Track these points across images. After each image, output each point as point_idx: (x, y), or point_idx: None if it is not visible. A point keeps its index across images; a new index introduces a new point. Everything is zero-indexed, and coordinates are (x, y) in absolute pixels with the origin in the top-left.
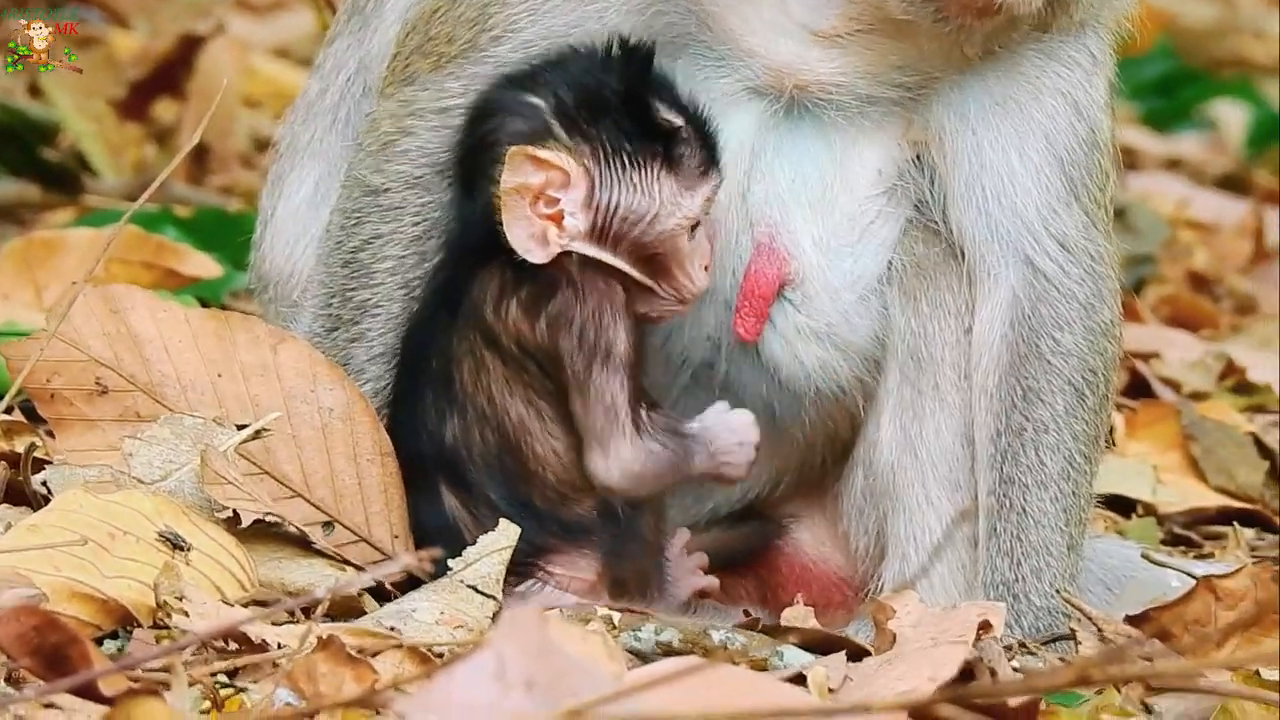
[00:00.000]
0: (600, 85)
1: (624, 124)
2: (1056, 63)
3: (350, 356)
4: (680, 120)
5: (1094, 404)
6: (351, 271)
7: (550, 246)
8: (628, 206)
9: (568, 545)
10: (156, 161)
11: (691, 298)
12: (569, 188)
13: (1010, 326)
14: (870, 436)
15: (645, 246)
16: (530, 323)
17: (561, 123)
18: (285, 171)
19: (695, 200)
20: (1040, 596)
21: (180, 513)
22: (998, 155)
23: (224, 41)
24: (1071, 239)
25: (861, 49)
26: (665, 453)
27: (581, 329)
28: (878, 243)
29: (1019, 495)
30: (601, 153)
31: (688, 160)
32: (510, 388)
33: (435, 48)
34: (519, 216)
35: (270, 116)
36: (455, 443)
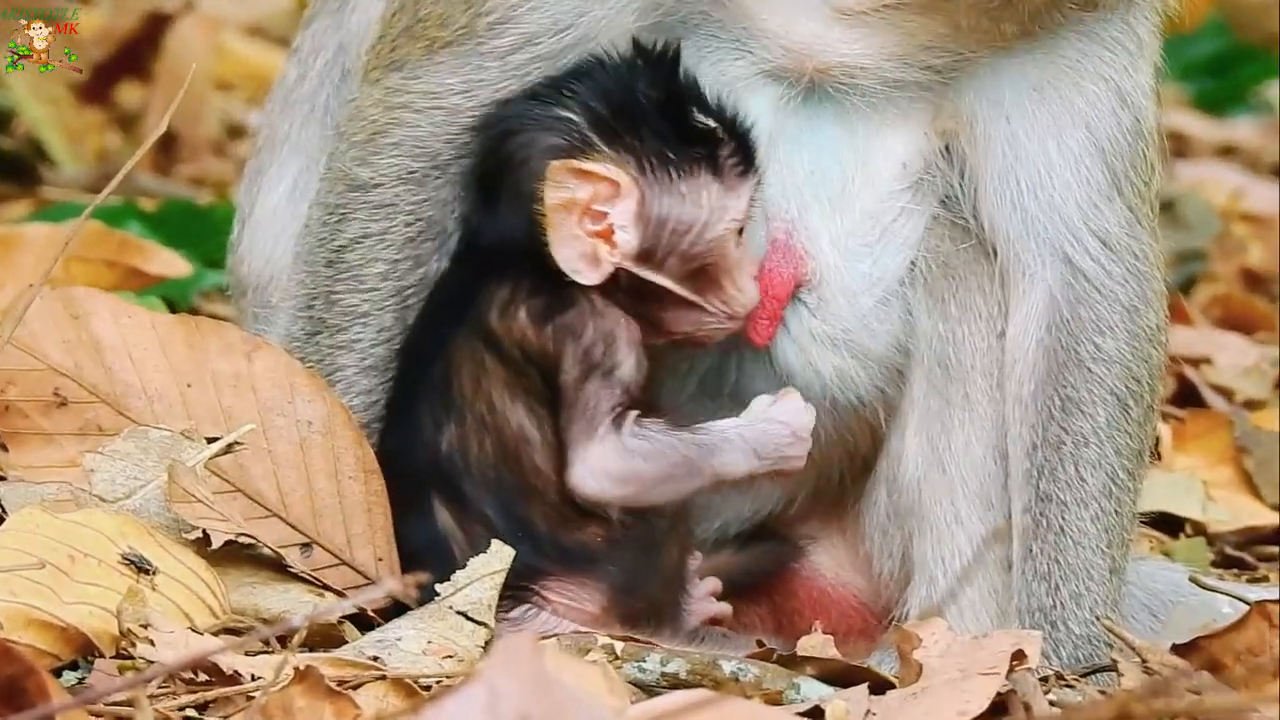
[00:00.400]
0: (632, 93)
1: (664, 131)
2: (1099, 45)
3: (337, 365)
4: (714, 122)
5: (1138, 415)
6: (337, 273)
7: (603, 265)
8: (678, 217)
9: (567, 572)
10: (120, 150)
11: (742, 312)
12: (619, 199)
13: (1047, 330)
14: (894, 450)
15: (694, 258)
16: (537, 328)
17: (600, 134)
18: (264, 166)
19: (740, 201)
20: (1079, 624)
21: (145, 533)
22: (1034, 145)
23: (193, 19)
24: (1114, 236)
25: (890, 27)
26: (658, 450)
27: (590, 344)
28: (900, 241)
29: (1057, 514)
30: (648, 163)
31: (727, 161)
32: (511, 394)
33: (426, 30)
34: (567, 235)
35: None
36: (451, 451)
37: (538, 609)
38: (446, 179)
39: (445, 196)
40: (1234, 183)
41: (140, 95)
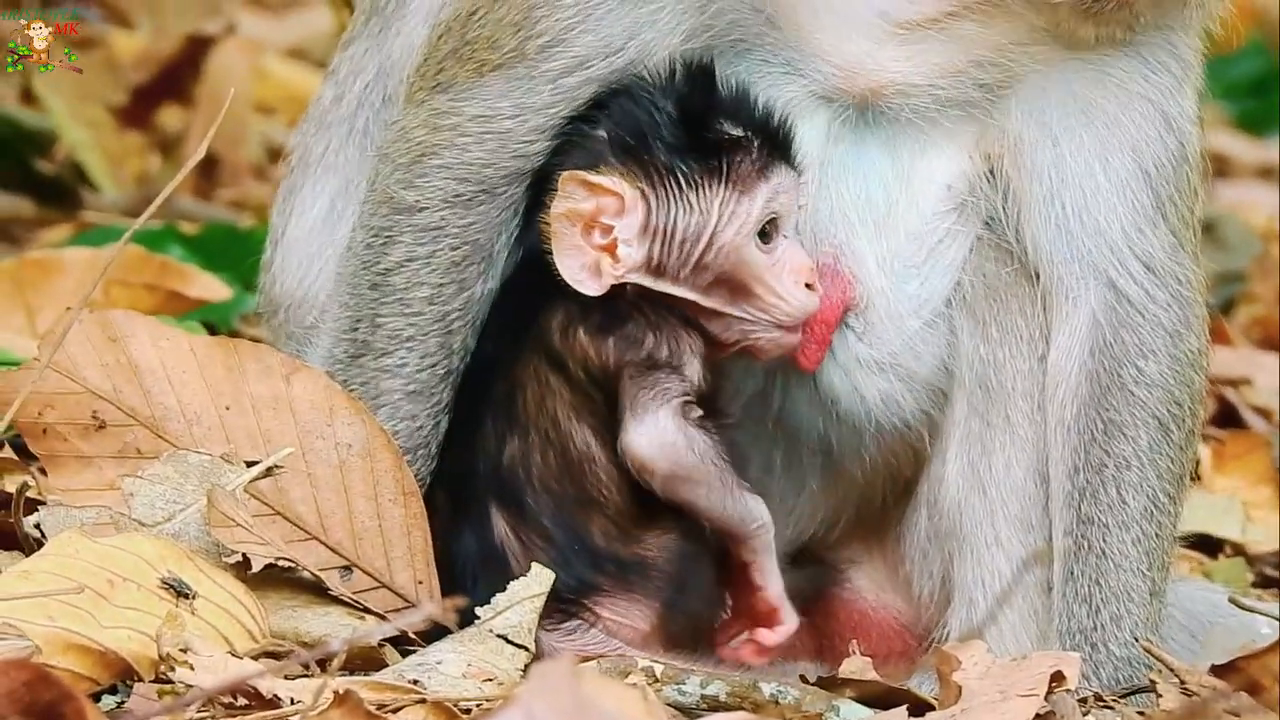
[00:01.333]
0: (655, 108)
1: (677, 144)
2: (1144, 66)
3: (381, 389)
4: (741, 130)
5: (1180, 439)
6: (382, 296)
7: (604, 278)
8: (685, 227)
9: (621, 589)
10: (161, 174)
11: (789, 320)
12: (624, 214)
13: (1090, 354)
14: (935, 473)
15: (708, 268)
16: (598, 346)
17: (614, 148)
18: (297, 186)
19: (755, 204)
20: (1120, 646)
21: (185, 557)
22: (1080, 168)
23: (234, 42)
24: (1158, 261)
25: (944, 42)
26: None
27: (653, 347)
28: (945, 263)
29: (1098, 536)
30: (656, 176)
31: (743, 165)
32: (577, 414)
33: (475, 53)
34: (569, 245)
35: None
36: (513, 463)
37: (588, 624)
38: (494, 203)
39: (492, 220)
40: (1274, 204)
41: (181, 119)
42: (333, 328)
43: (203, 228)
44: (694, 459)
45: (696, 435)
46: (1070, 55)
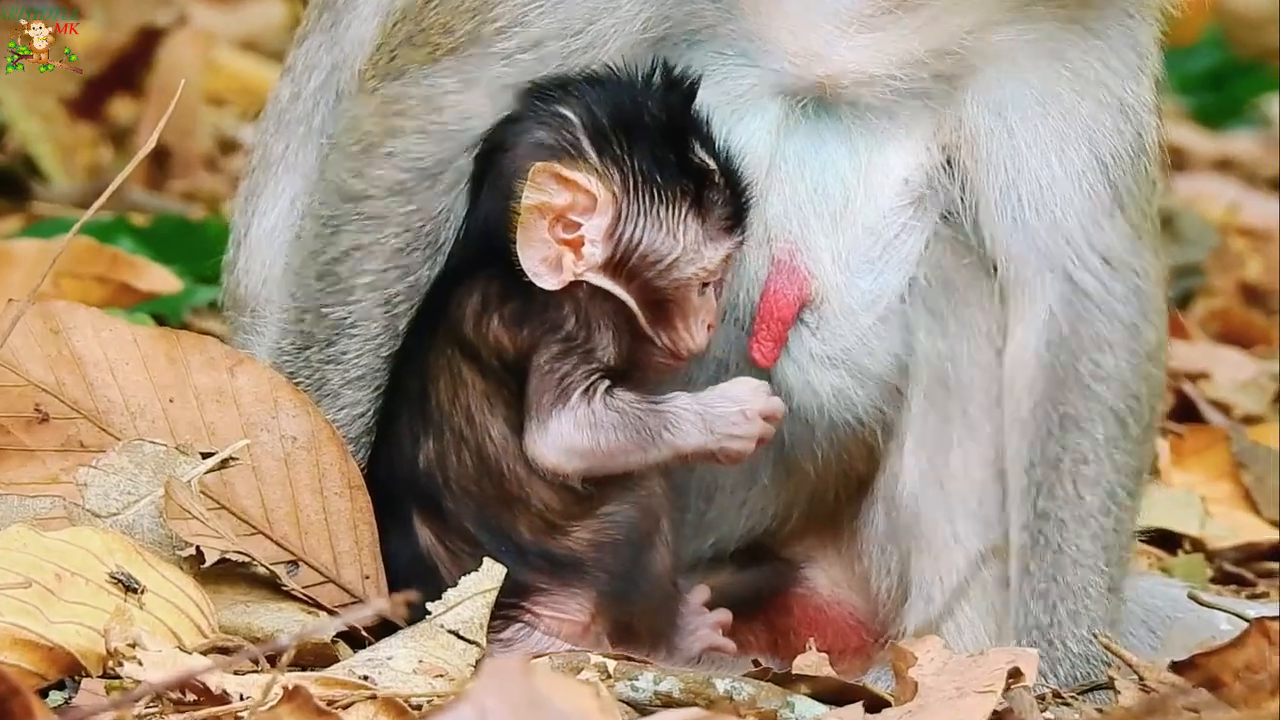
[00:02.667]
0: (639, 109)
1: (660, 155)
2: (1102, 50)
3: (325, 379)
4: (712, 163)
5: (1137, 433)
6: (327, 285)
7: (564, 274)
8: (650, 244)
9: (556, 583)
10: (112, 165)
11: (686, 355)
12: (594, 214)
13: (1046, 347)
14: (892, 469)
15: (656, 291)
16: (513, 334)
17: (594, 142)
18: (258, 187)
19: (716, 253)
20: (1077, 642)
21: (133, 551)
22: (1036, 159)
23: (186, 34)
24: (1115, 253)
25: (902, 31)
26: (621, 421)
27: (569, 334)
28: (900, 258)
29: (1055, 532)
30: (633, 181)
31: (717, 209)
32: (491, 405)
33: (428, 39)
34: (535, 238)
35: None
36: (430, 466)
37: (530, 628)
38: (436, 188)
39: (437, 207)
40: (1231, 196)
41: (132, 110)
42: (279, 319)
43: (154, 219)
44: (605, 442)
45: (604, 416)
46: (1027, 42)
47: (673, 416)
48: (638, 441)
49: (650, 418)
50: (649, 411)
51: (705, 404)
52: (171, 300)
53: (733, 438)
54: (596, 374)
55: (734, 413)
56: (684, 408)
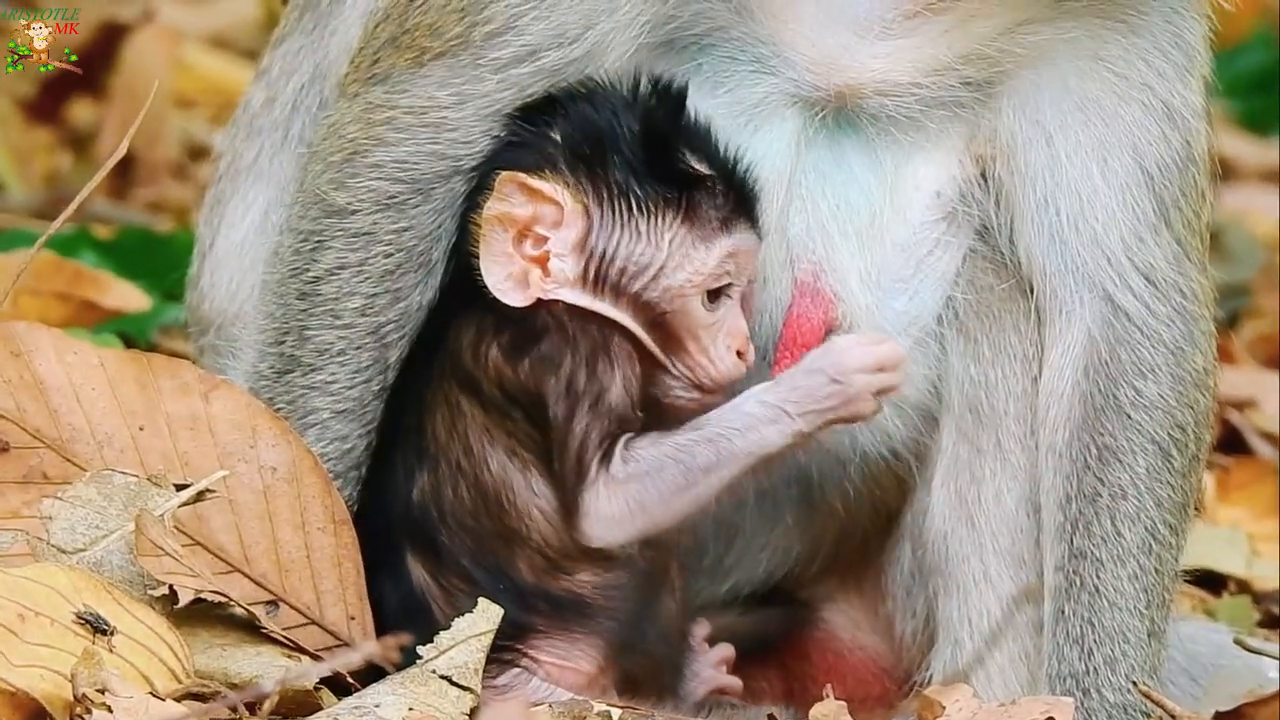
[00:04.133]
0: (618, 121)
1: (636, 164)
2: (1145, 49)
3: (310, 407)
4: (707, 169)
5: (1182, 465)
6: (311, 306)
7: (530, 290)
8: (628, 254)
9: (557, 627)
10: (72, 173)
11: (712, 385)
12: (561, 226)
13: (1084, 374)
14: (920, 503)
15: (650, 305)
16: (513, 366)
17: (564, 154)
18: (225, 196)
19: (711, 255)
20: (1114, 691)
21: (102, 590)
22: (1077, 170)
23: (152, 31)
24: (1160, 272)
25: (929, 35)
26: (650, 469)
27: (571, 373)
28: (936, 277)
29: (1091, 572)
30: (606, 191)
31: (706, 210)
32: (491, 437)
33: (415, 40)
34: (498, 251)
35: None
36: (424, 500)
37: (528, 674)
38: (429, 205)
39: (427, 225)
40: None
41: (93, 113)
42: (258, 340)
43: (118, 232)
44: (642, 499)
45: (627, 473)
46: (1065, 43)
47: (728, 430)
48: (684, 477)
49: (685, 453)
50: (682, 447)
51: (779, 391)
52: (138, 319)
53: (837, 409)
54: (609, 435)
55: (822, 384)
56: (746, 411)
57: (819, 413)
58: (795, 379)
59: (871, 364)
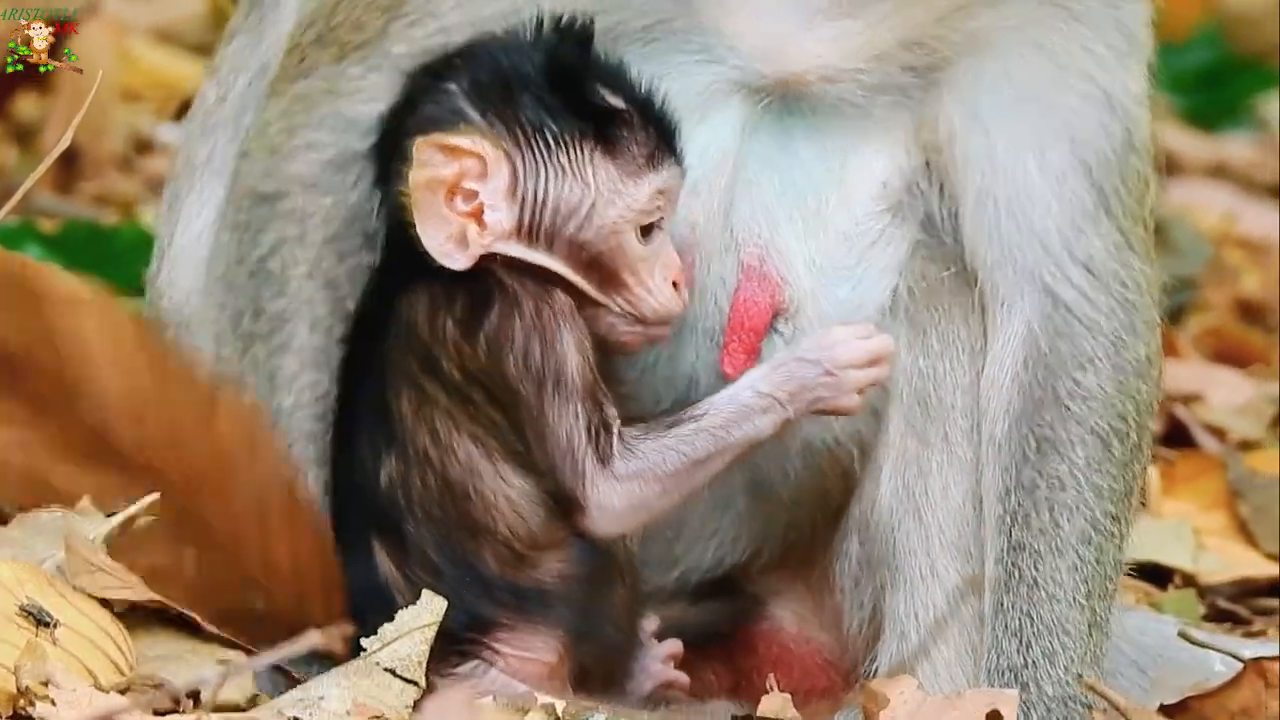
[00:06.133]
0: (521, 61)
1: (547, 100)
2: (1084, 43)
3: (276, 367)
4: (621, 102)
5: (1123, 455)
6: (260, 284)
7: (471, 248)
8: (558, 194)
9: (521, 620)
10: (16, 167)
11: (653, 316)
12: (487, 177)
13: (1024, 366)
14: (867, 496)
15: (585, 246)
16: (470, 343)
17: (475, 104)
18: (182, 193)
19: (641, 190)
20: (1053, 684)
21: (46, 583)
22: (1013, 160)
23: (98, 23)
24: (1099, 262)
25: (873, 20)
26: (652, 466)
27: (526, 347)
28: (880, 267)
29: (1030, 564)
30: (521, 133)
31: (629, 145)
32: (455, 423)
33: (338, 36)
34: (432, 215)
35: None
36: (391, 486)
37: (487, 665)
38: (352, 179)
39: (355, 198)
40: (1227, 204)
41: (38, 106)
42: (213, 331)
43: (63, 225)
44: (648, 491)
45: (630, 470)
46: (1005, 31)
47: (726, 421)
48: (686, 469)
49: (686, 445)
50: (682, 439)
51: (773, 378)
52: None
53: (826, 401)
54: (594, 423)
55: (816, 374)
56: (741, 401)
57: (809, 403)
58: (790, 368)
59: (864, 359)
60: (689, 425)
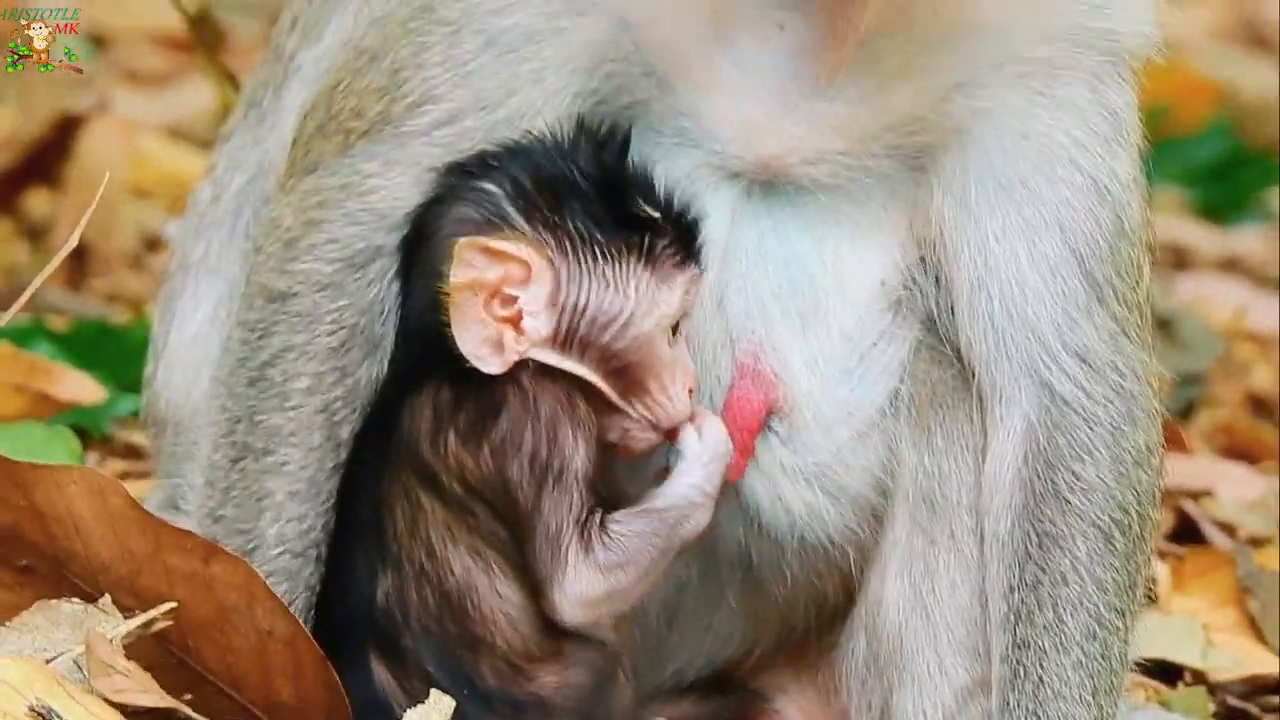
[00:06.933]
0: (565, 168)
1: (595, 211)
2: (1069, 129)
3: (265, 490)
4: (656, 211)
5: (1125, 547)
6: (260, 392)
7: (506, 354)
8: (598, 306)
9: None
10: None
11: (668, 423)
12: (530, 283)
13: (1024, 461)
14: (874, 594)
15: (617, 355)
16: (474, 454)
17: (520, 208)
18: (177, 292)
19: (674, 295)
20: None
21: (55, 683)
22: (1004, 251)
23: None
24: (1094, 352)
25: (852, 100)
26: (633, 553)
27: (533, 451)
28: (880, 368)
29: (1035, 662)
30: (569, 242)
31: (664, 253)
32: (453, 535)
33: (341, 124)
34: (471, 319)
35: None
36: (388, 603)
37: None
38: (368, 278)
39: (369, 299)
40: (1237, 299)
41: (49, 204)
42: (211, 433)
43: (73, 323)
44: (624, 579)
45: (609, 557)
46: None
47: (683, 514)
48: (658, 556)
49: (661, 529)
50: (657, 523)
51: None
52: (93, 410)
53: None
54: (582, 513)
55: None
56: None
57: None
58: (707, 463)
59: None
60: (658, 516)
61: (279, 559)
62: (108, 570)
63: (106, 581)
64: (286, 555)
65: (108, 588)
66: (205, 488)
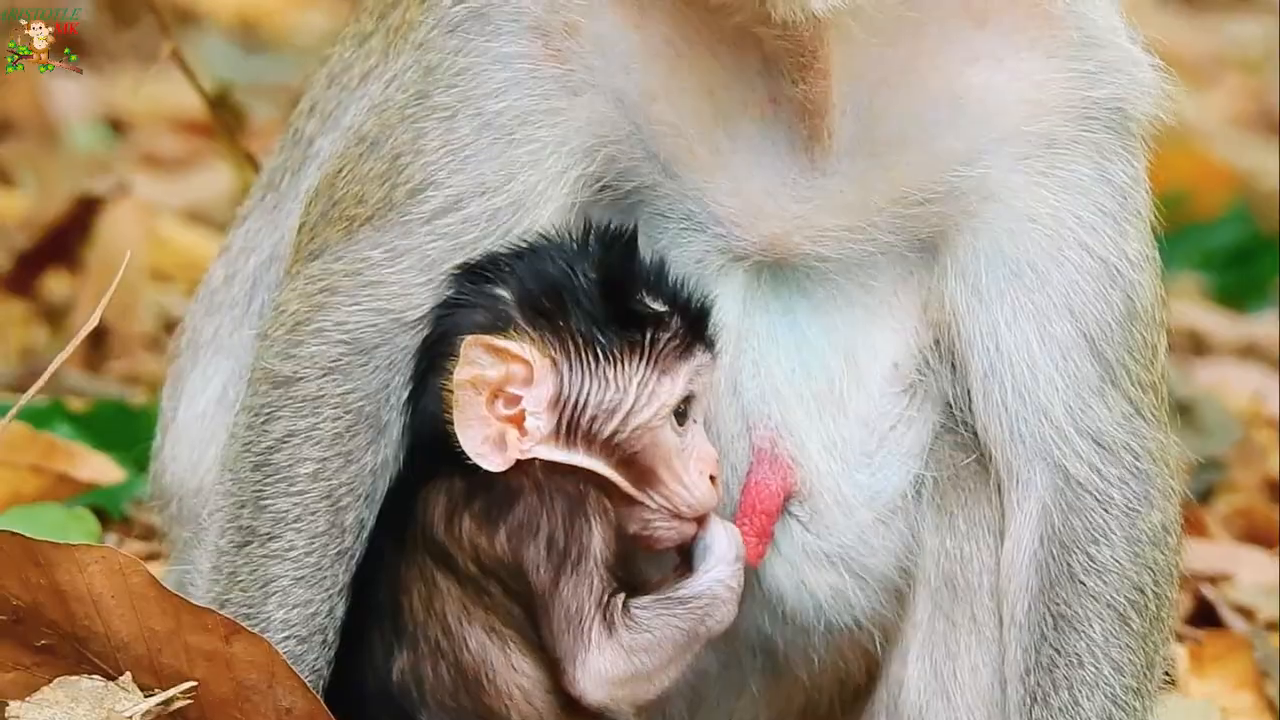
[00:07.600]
0: (570, 271)
1: (596, 314)
2: (1075, 210)
3: (270, 575)
4: (663, 305)
5: (1142, 627)
6: (265, 476)
7: (509, 452)
8: (598, 404)
9: None
10: (47, 346)
11: (689, 511)
12: (533, 384)
13: (1040, 543)
14: (894, 676)
15: (621, 446)
16: (489, 536)
17: (525, 312)
18: (185, 370)
19: (677, 385)
20: None
21: None
22: (1015, 335)
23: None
24: (1108, 435)
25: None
26: (657, 639)
27: (550, 537)
28: (901, 452)
29: None
30: (572, 345)
31: (666, 345)
32: (469, 613)
33: (343, 211)
34: (472, 415)
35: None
36: (404, 679)
37: None
38: (374, 364)
39: (375, 384)
40: (1256, 384)
41: (69, 286)
42: (217, 518)
43: (92, 404)
44: (647, 663)
45: (632, 640)
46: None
47: (708, 607)
48: (683, 644)
49: (686, 618)
50: (681, 611)
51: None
52: (112, 491)
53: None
54: (604, 595)
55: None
56: (717, 594)
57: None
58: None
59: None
60: (686, 607)
61: (284, 643)
62: (127, 648)
63: (126, 660)
64: (292, 640)
65: (128, 666)
66: (212, 573)
